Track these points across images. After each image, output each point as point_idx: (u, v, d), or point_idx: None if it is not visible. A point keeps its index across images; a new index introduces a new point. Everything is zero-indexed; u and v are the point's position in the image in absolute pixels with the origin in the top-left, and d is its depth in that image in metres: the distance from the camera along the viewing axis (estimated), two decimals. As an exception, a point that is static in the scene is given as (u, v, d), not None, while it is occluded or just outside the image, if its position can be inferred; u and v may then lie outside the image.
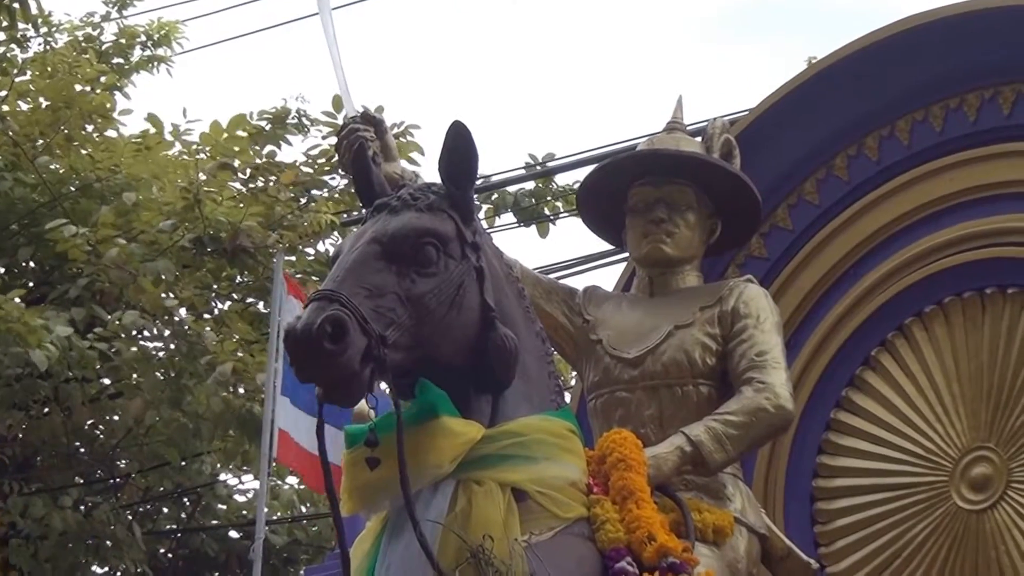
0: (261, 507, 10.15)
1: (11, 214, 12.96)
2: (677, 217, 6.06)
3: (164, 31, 14.39)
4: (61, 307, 12.08)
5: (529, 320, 5.36)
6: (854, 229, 7.65)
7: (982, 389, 7.20)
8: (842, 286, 7.63)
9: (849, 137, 7.71)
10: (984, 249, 7.32)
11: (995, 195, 7.38)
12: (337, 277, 4.86)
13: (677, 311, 5.96)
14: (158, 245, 12.32)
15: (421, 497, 4.88)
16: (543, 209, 13.97)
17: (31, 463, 13.03)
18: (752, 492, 6.10)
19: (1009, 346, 7.18)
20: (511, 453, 5.02)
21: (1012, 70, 7.37)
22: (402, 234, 4.99)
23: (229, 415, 12.17)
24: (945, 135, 7.53)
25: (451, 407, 4.96)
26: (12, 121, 12.92)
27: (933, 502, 7.17)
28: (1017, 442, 7.07)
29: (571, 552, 5.00)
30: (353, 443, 5.03)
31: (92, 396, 12.43)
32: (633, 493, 5.19)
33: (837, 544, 7.33)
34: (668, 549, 5.02)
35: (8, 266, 13.19)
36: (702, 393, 5.84)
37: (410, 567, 4.83)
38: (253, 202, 12.92)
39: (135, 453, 13.16)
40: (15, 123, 12.91)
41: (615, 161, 6.44)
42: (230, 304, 13.17)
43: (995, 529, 7.00)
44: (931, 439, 7.27)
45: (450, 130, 5.11)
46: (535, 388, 5.22)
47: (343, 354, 4.67)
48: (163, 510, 14.18)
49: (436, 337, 4.96)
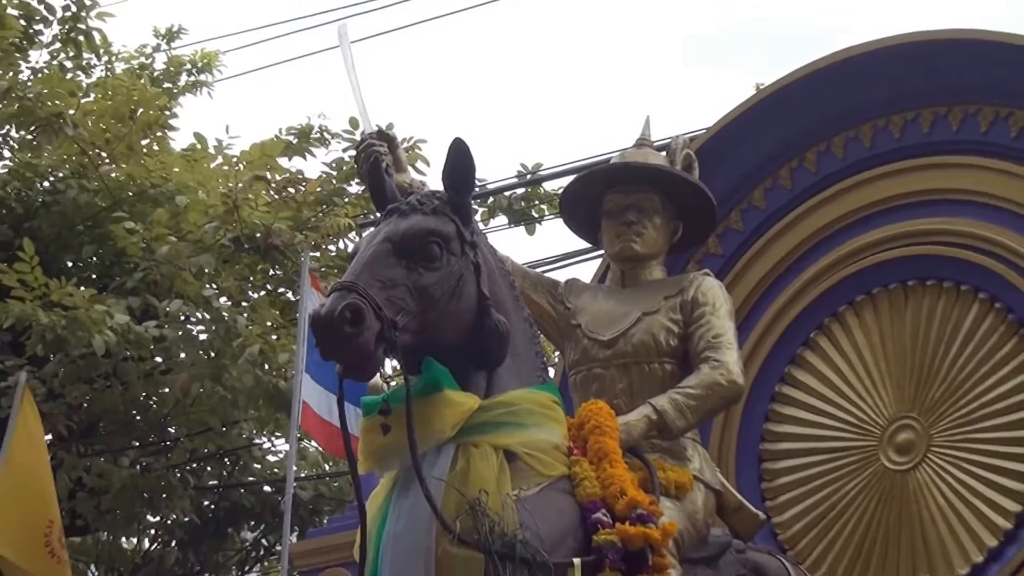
0: (290, 466, 10.14)
1: (77, 216, 12.90)
2: (645, 220, 6.06)
3: (206, 60, 14.33)
4: (120, 297, 12.04)
5: (519, 307, 5.37)
6: (796, 230, 7.68)
7: (906, 367, 7.23)
8: (786, 279, 7.66)
9: (792, 152, 7.73)
10: (907, 248, 7.35)
11: (916, 202, 7.41)
12: (355, 271, 4.88)
13: (645, 300, 5.96)
14: (202, 243, 12.26)
15: (426, 458, 4.88)
16: (531, 212, 13.94)
17: (95, 429, 13.00)
18: (708, 454, 6.09)
19: (928, 330, 7.22)
20: (503, 421, 5.02)
21: (930, 96, 7.40)
22: (410, 234, 4.99)
23: (259, 389, 12.16)
24: (874, 150, 7.56)
25: (452, 381, 4.96)
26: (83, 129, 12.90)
27: (864, 463, 7.21)
28: (936, 412, 7.10)
29: (554, 505, 5.00)
30: (369, 412, 5.03)
31: (146, 372, 12.39)
32: (607, 454, 5.20)
33: (781, 498, 7.37)
34: (637, 502, 5.03)
35: (74, 261, 13.13)
36: (666, 370, 5.83)
37: (417, 517, 4.83)
38: (283, 207, 12.88)
39: (182, 420, 13.13)
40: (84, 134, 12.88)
41: (592, 172, 6.44)
42: (263, 294, 13.13)
43: (917, 487, 7.04)
44: (862, 409, 7.30)
45: (452, 146, 5.12)
46: (524, 365, 5.22)
47: (360, 336, 4.68)
48: (207, 468, 14.12)
49: (439, 322, 4.97)
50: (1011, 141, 7.17)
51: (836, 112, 7.56)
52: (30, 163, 13.02)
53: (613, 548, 4.93)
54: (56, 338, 11.71)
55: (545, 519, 4.92)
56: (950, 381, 7.10)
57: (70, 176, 13.01)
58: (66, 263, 13.07)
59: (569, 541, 4.95)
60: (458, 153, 5.13)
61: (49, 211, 13.01)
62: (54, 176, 13.18)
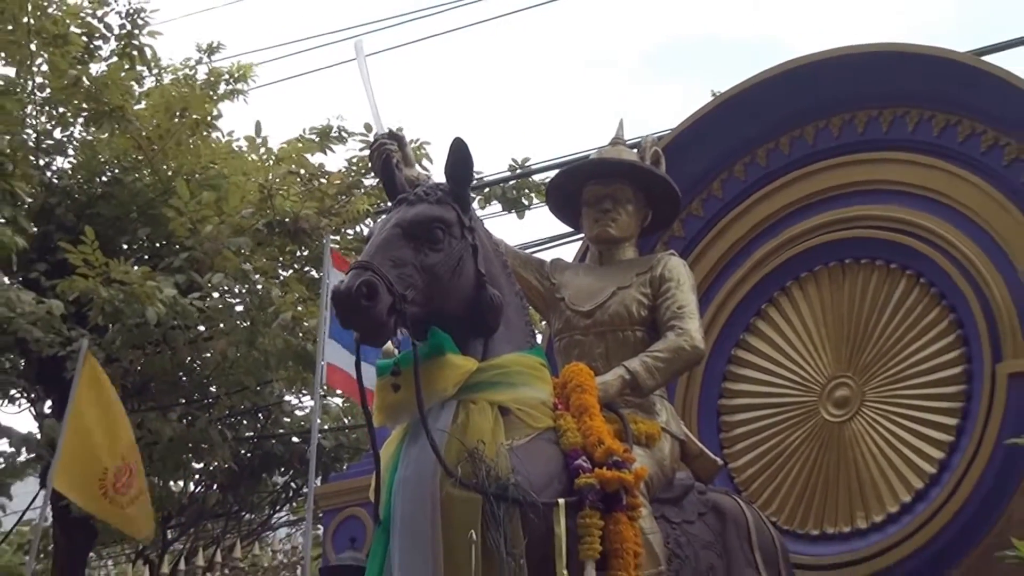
0: (315, 420, 10.12)
1: (132, 203, 12.89)
2: (619, 208, 6.07)
3: (242, 72, 14.27)
4: (168, 274, 12.02)
5: (511, 283, 5.36)
6: (749, 216, 7.67)
7: (843, 333, 7.22)
8: (740, 258, 7.65)
9: (745, 149, 7.72)
10: (844, 231, 7.34)
11: (852, 191, 7.39)
12: (370, 252, 4.88)
13: (619, 276, 5.97)
14: (240, 227, 12.26)
15: (432, 413, 4.87)
16: (521, 200, 13.93)
17: (147, 388, 12.99)
18: (674, 408, 6.10)
19: (862, 302, 7.22)
20: (498, 380, 5.02)
21: (864, 100, 7.39)
22: (417, 220, 4.99)
23: (289, 352, 12.17)
24: (816, 147, 7.54)
25: (454, 347, 4.97)
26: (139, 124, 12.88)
27: (806, 416, 7.20)
28: (869, 372, 7.09)
29: (542, 452, 5.01)
30: (382, 373, 5.04)
31: (191, 339, 12.38)
32: (587, 409, 5.20)
33: (736, 447, 7.37)
34: (613, 450, 5.03)
35: (129, 243, 13.10)
36: (637, 336, 5.84)
37: (424, 463, 4.83)
38: (310, 197, 12.87)
39: (222, 380, 13.12)
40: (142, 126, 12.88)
41: (574, 167, 6.45)
42: (292, 271, 13.13)
43: (852, 436, 7.03)
44: (805, 370, 7.29)
45: (453, 144, 5.13)
46: (515, 333, 5.22)
47: (374, 308, 4.69)
48: (243, 422, 14.13)
49: (442, 296, 4.97)
50: (933, 139, 7.16)
51: (783, 115, 7.55)
52: (92, 157, 13.00)
53: (592, 490, 4.94)
54: (114, 310, 11.73)
55: (534, 465, 4.92)
56: (881, 345, 7.08)
57: (127, 169, 13.00)
58: (122, 245, 13.05)
59: (555, 484, 4.95)
60: (458, 151, 5.14)
61: (108, 199, 13.00)
62: (112, 169, 13.15)
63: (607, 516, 4.93)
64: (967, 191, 7.01)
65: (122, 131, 12.87)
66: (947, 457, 6.77)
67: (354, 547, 7.77)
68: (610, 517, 4.94)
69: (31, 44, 13.02)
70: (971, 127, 7.05)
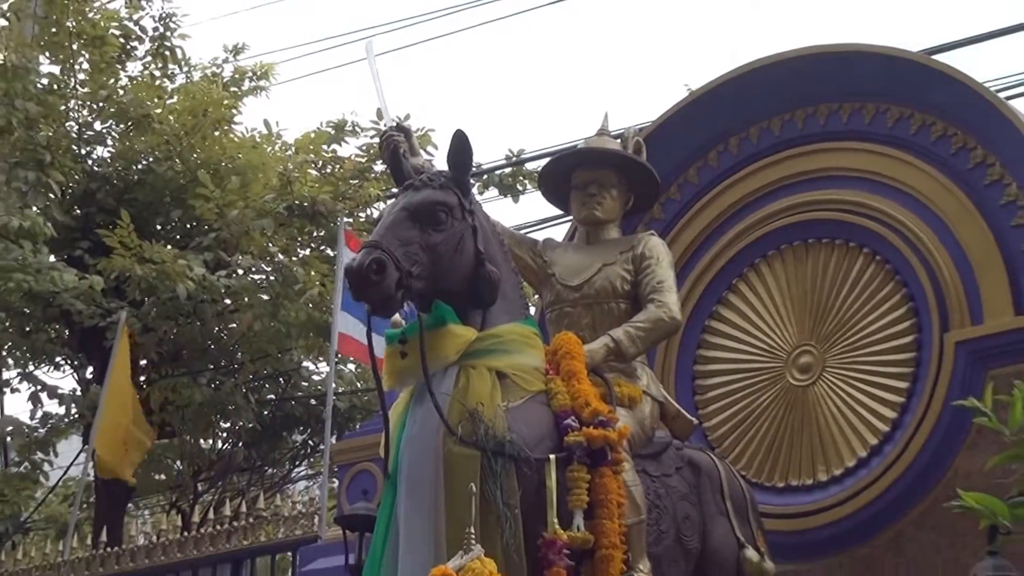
0: (330, 384, 10.12)
1: (165, 189, 12.89)
2: (604, 192, 6.04)
3: (264, 70, 14.25)
4: (197, 253, 12.04)
5: (507, 260, 5.35)
6: (721, 200, 7.65)
7: (806, 306, 7.22)
8: (713, 238, 7.63)
9: (717, 139, 7.70)
10: (807, 213, 7.33)
11: (814, 177, 7.38)
12: (379, 232, 4.87)
13: (605, 254, 5.95)
14: (263, 210, 12.26)
15: (435, 377, 4.87)
16: (516, 186, 13.92)
17: (179, 356, 12.99)
18: (654, 373, 6.10)
19: (823, 278, 7.21)
20: (495, 348, 5.02)
21: (826, 95, 7.38)
22: (423, 204, 4.98)
23: (311, 324, 12.19)
24: (782, 137, 7.53)
25: (455, 318, 4.96)
26: (167, 124, 12.88)
27: (773, 380, 7.20)
28: (829, 340, 7.09)
29: (535, 413, 5.00)
30: (391, 341, 5.04)
31: (218, 312, 12.39)
32: (575, 374, 5.19)
33: (710, 408, 7.36)
34: (598, 411, 5.03)
35: (162, 225, 13.10)
36: (621, 308, 5.81)
37: (428, 423, 4.83)
38: (326, 183, 12.85)
39: (247, 348, 13.11)
40: (169, 127, 12.88)
41: (563, 156, 6.43)
42: (310, 250, 13.13)
43: (814, 398, 7.04)
44: (772, 338, 7.28)
45: (454, 137, 5.13)
46: (511, 305, 5.21)
47: (383, 283, 4.69)
48: (266, 386, 14.12)
49: (445, 272, 4.96)
50: (888, 130, 7.15)
51: (752, 108, 7.53)
52: (128, 148, 13.00)
53: (580, 447, 4.94)
54: (149, 286, 11.77)
55: (528, 424, 4.93)
56: (840, 317, 7.08)
57: (160, 159, 12.98)
58: (156, 226, 13.05)
59: (546, 441, 4.95)
60: (459, 142, 5.14)
61: (143, 185, 13.00)
62: (146, 159, 13.14)
63: (593, 470, 4.94)
64: (918, 177, 7.01)
65: (150, 134, 12.88)
66: (899, 417, 6.78)
67: (366, 498, 7.77)
68: (596, 471, 4.95)
69: (73, 45, 13.01)
70: (922, 119, 7.04)
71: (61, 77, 13.21)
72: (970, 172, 6.85)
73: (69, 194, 12.72)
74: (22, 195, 11.92)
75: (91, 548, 10.50)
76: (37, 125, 12.29)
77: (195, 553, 9.65)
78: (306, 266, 12.58)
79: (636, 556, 5.11)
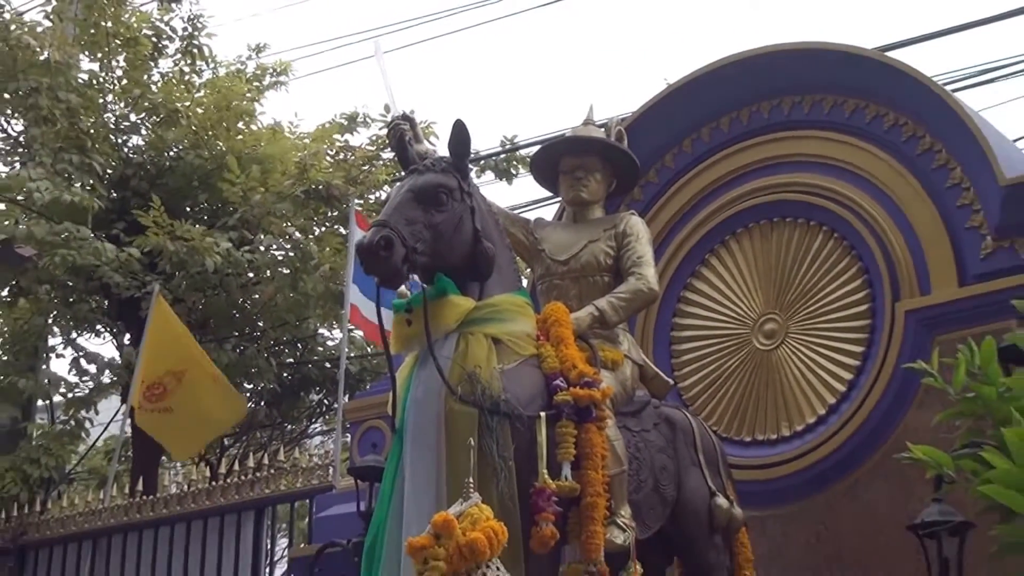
0: (343, 349, 10.15)
1: (194, 176, 12.86)
2: (589, 176, 6.05)
3: (284, 67, 14.19)
4: (223, 232, 12.03)
5: (502, 238, 5.35)
6: (695, 183, 7.64)
7: (771, 278, 7.22)
8: (687, 217, 7.63)
9: (692, 128, 7.68)
10: (772, 195, 7.33)
11: (779, 163, 7.37)
12: (387, 212, 4.88)
13: (590, 232, 5.96)
14: (283, 193, 12.24)
15: (437, 343, 4.89)
16: (510, 170, 13.90)
17: (207, 324, 12.97)
18: (634, 338, 6.11)
19: (787, 253, 7.21)
20: (491, 316, 5.03)
21: (789, 89, 7.37)
22: (426, 186, 4.99)
23: (328, 295, 12.20)
24: (749, 126, 7.51)
25: (456, 289, 4.97)
26: (195, 117, 12.85)
27: (741, 345, 7.20)
28: (792, 309, 7.09)
29: (527, 375, 5.02)
30: (397, 310, 5.06)
31: (242, 284, 12.40)
32: (564, 340, 5.21)
33: (685, 370, 7.37)
34: (584, 373, 5.05)
35: (191, 207, 13.08)
36: (604, 281, 5.83)
37: (431, 384, 4.84)
38: (339, 168, 12.82)
39: (269, 317, 13.09)
40: (196, 119, 12.84)
41: (552, 143, 6.43)
42: (324, 229, 13.10)
43: (778, 361, 7.05)
44: (740, 307, 7.29)
45: (455, 126, 5.13)
46: (505, 278, 5.21)
47: (391, 258, 4.70)
48: (285, 351, 14.13)
49: (446, 248, 4.97)
50: (845, 120, 7.14)
51: (723, 100, 7.51)
52: (159, 138, 12.97)
53: (568, 405, 4.96)
54: (180, 260, 11.76)
55: (520, 385, 4.94)
56: (802, 287, 7.08)
57: (189, 148, 12.96)
58: (185, 208, 13.01)
59: (538, 400, 4.96)
60: (459, 130, 5.14)
61: (173, 172, 12.95)
62: (176, 148, 13.11)
63: (580, 426, 4.96)
64: (873, 163, 7.00)
65: (179, 127, 12.86)
66: (855, 378, 6.79)
67: (375, 451, 7.78)
68: (582, 427, 4.96)
69: (110, 44, 12.98)
70: (876, 110, 7.03)
71: (99, 73, 13.18)
72: (919, 158, 6.85)
73: (107, 179, 12.70)
74: (67, 177, 11.93)
75: (128, 496, 10.51)
76: (78, 115, 12.28)
77: (222, 501, 9.68)
78: (321, 243, 12.57)
79: (618, 503, 5.14)
